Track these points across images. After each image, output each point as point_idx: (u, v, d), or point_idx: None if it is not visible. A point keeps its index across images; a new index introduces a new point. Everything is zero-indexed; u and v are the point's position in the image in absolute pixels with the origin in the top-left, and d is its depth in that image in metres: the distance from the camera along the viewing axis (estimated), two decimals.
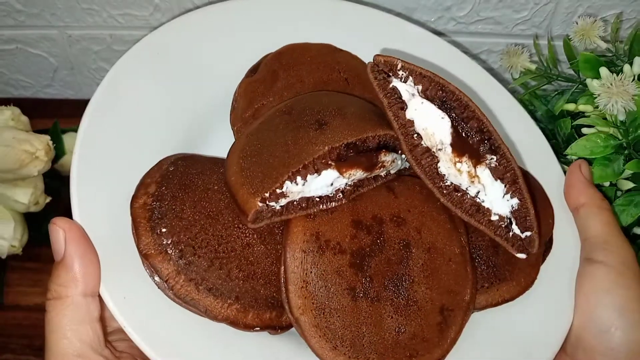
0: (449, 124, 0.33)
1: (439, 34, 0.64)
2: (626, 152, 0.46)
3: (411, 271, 0.35)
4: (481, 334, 0.37)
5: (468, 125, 0.34)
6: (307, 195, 0.35)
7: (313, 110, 0.36)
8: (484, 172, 0.34)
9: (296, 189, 0.34)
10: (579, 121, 0.48)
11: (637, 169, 0.44)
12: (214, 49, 0.44)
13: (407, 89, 0.33)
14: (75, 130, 0.64)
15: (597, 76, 0.47)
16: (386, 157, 0.36)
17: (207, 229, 0.34)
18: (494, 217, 0.35)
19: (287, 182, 0.33)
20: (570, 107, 0.50)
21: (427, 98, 0.33)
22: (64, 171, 0.62)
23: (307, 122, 0.35)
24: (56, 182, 0.61)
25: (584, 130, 0.48)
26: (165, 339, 0.32)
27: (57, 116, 0.63)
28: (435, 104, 0.33)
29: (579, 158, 0.46)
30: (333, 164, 0.34)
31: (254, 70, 0.45)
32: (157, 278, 0.33)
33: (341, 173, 0.35)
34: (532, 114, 0.55)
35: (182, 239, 0.33)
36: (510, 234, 0.35)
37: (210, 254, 0.34)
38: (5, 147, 0.52)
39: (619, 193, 0.48)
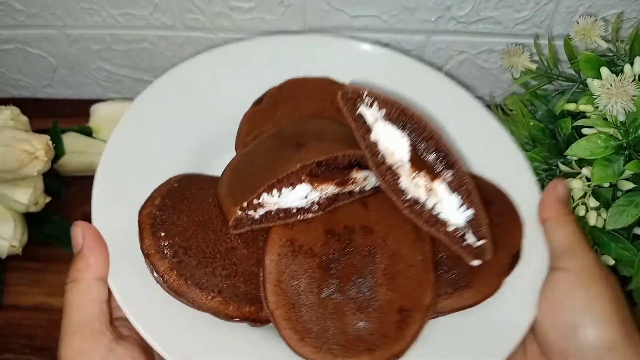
0: (407, 143, 0.38)
1: (438, 33, 0.65)
2: (626, 152, 0.45)
3: (374, 274, 0.39)
4: (443, 334, 0.40)
5: (426, 145, 0.38)
6: (284, 206, 0.40)
7: (296, 134, 0.43)
8: (440, 186, 0.38)
9: (272, 201, 0.40)
10: (580, 122, 0.48)
11: (637, 169, 0.44)
12: (227, 84, 0.51)
13: (371, 114, 0.38)
14: (75, 130, 0.64)
15: (598, 76, 0.47)
16: (357, 174, 0.41)
17: (197, 234, 0.40)
18: (450, 228, 0.39)
19: (264, 194, 0.39)
20: (571, 107, 0.50)
21: (389, 121, 0.38)
22: (63, 171, 0.62)
23: (288, 144, 0.42)
24: (56, 182, 0.61)
25: (584, 130, 0.48)
26: (158, 323, 0.38)
27: (56, 116, 0.63)
28: (396, 126, 0.38)
29: (579, 159, 0.46)
30: (306, 179, 0.40)
31: (258, 102, 0.51)
32: (155, 274, 0.39)
33: (314, 187, 0.40)
34: (533, 114, 0.55)
35: (177, 241, 0.40)
36: (465, 242, 0.39)
37: (198, 254, 0.40)
38: (4, 147, 0.52)
39: (619, 193, 0.48)
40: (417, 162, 0.38)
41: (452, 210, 0.38)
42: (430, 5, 0.61)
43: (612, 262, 0.47)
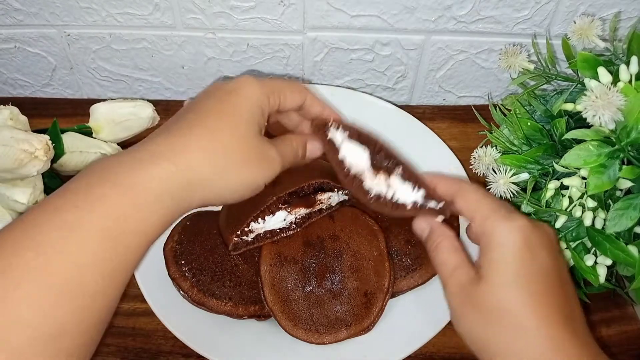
0: (367, 154, 0.47)
1: (438, 33, 0.65)
2: (621, 155, 0.45)
3: (342, 270, 0.52)
4: (403, 307, 0.53)
5: (379, 153, 0.47)
6: (269, 229, 0.53)
7: None
8: (395, 180, 0.47)
9: (259, 226, 0.52)
10: (570, 134, 0.47)
11: (632, 175, 0.44)
12: None
13: (338, 137, 0.47)
14: (75, 130, 0.64)
15: (596, 76, 0.47)
16: (322, 197, 0.54)
17: (208, 258, 0.53)
18: (410, 207, 0.47)
19: (252, 223, 0.52)
20: (569, 107, 0.50)
21: (351, 140, 0.47)
22: (63, 171, 0.62)
23: None
24: (55, 182, 0.61)
25: (578, 133, 0.47)
26: (189, 327, 0.51)
27: (56, 116, 0.63)
28: (356, 143, 0.48)
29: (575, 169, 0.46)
30: (282, 206, 0.52)
31: None
32: (181, 292, 0.51)
33: (289, 212, 0.52)
34: (531, 114, 0.55)
35: (194, 266, 0.52)
36: (428, 207, 0.46)
37: (211, 273, 0.52)
38: (4, 146, 0.52)
39: (618, 193, 0.48)
40: (375, 167, 0.47)
41: (409, 194, 0.47)
42: (430, 5, 0.61)
43: (609, 262, 0.47)
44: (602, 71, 0.47)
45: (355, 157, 0.48)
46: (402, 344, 0.50)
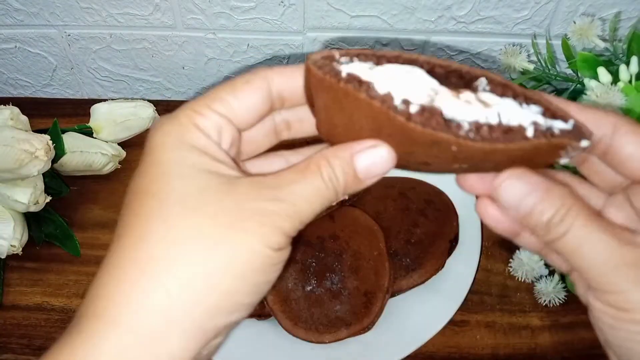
0: (422, 73, 0.27)
1: (438, 33, 0.65)
2: None
3: (342, 270, 0.52)
4: (403, 306, 0.54)
5: (436, 68, 0.28)
6: None
7: None
8: (486, 96, 0.27)
9: None
10: None
11: None
12: None
13: (360, 68, 0.27)
14: (75, 130, 0.64)
15: (596, 76, 0.47)
16: None
17: None
18: (530, 131, 0.27)
19: None
20: None
21: (384, 66, 0.27)
22: (63, 171, 0.62)
23: None
24: (56, 182, 0.61)
25: None
26: None
27: (56, 116, 0.63)
28: (394, 67, 0.27)
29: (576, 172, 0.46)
30: None
31: None
32: None
33: None
34: None
35: None
36: (557, 131, 0.27)
37: None
38: (4, 146, 0.52)
39: None
40: (448, 84, 0.27)
41: (516, 113, 0.27)
42: (430, 5, 0.61)
43: None
44: (602, 71, 0.47)
45: (405, 82, 0.27)
46: (402, 344, 0.51)
